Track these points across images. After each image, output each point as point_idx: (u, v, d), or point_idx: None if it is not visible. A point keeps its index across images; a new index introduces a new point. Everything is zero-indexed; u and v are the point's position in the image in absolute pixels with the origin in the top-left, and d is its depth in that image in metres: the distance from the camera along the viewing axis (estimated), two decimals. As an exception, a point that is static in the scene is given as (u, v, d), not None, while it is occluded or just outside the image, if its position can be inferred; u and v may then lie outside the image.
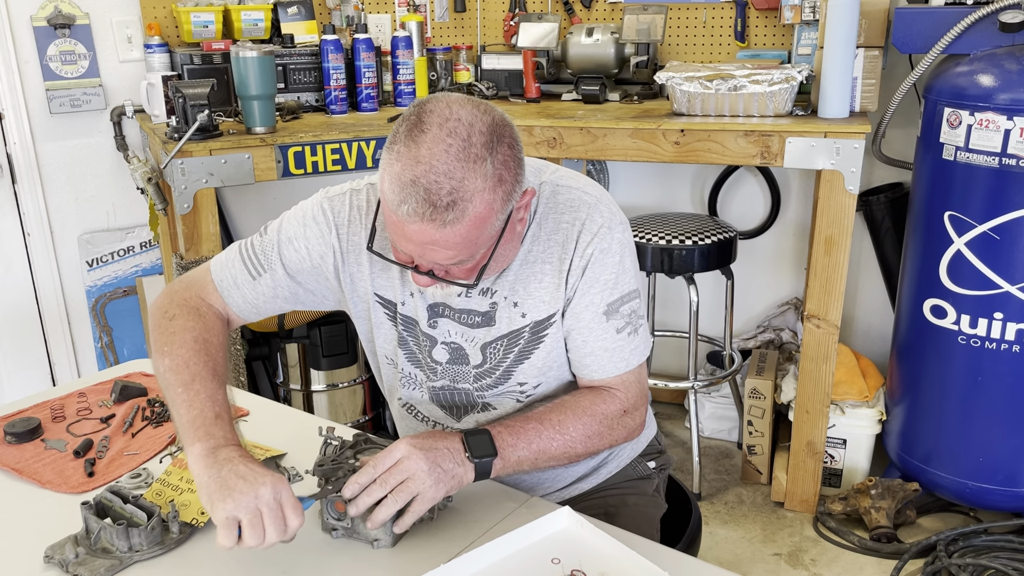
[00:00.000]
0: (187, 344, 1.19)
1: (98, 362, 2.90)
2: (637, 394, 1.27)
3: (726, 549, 2.44)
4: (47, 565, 1.08)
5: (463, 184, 1.02)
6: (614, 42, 2.73)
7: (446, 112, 1.04)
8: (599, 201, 1.23)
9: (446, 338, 1.28)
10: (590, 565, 1.04)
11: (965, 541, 2.30)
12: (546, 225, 1.22)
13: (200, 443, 1.08)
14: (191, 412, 1.12)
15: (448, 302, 1.26)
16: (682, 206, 3.13)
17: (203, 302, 1.28)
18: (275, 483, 1.03)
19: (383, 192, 1.06)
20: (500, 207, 1.07)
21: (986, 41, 2.16)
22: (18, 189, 2.64)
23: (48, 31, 2.59)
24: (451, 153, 1.02)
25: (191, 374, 1.16)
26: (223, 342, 1.25)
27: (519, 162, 1.09)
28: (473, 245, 1.08)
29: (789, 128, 2.24)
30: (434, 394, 1.33)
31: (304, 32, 2.79)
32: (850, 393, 2.56)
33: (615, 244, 1.22)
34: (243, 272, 1.28)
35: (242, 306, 1.30)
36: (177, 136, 2.17)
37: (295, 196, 1.39)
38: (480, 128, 1.04)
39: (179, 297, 1.28)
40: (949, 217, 2.22)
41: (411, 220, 1.03)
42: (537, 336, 1.25)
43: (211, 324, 1.25)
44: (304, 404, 2.76)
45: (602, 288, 1.22)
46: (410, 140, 1.03)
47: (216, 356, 1.21)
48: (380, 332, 1.32)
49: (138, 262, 2.91)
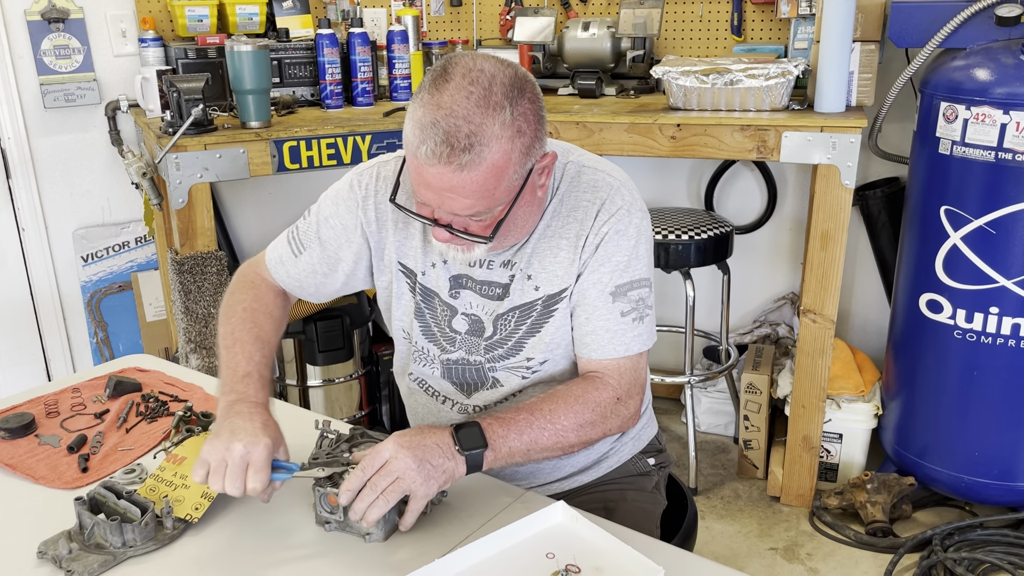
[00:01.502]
0: (236, 314, 1.32)
1: (93, 357, 2.89)
2: (631, 381, 1.27)
3: (722, 544, 2.44)
4: (40, 560, 1.07)
5: (481, 128, 1.05)
6: (610, 36, 2.72)
7: (470, 63, 1.09)
8: (623, 185, 1.26)
9: (467, 309, 1.30)
10: (585, 560, 1.04)
11: (961, 535, 2.30)
12: (567, 202, 1.25)
13: (224, 397, 1.18)
14: (225, 372, 1.23)
15: (471, 273, 1.28)
16: (678, 201, 3.13)
17: (258, 276, 1.41)
18: (250, 444, 1.08)
19: (406, 137, 1.10)
20: (519, 159, 1.10)
21: (982, 35, 2.16)
22: (12, 184, 2.63)
23: (42, 25, 2.58)
24: (472, 100, 1.06)
25: (234, 339, 1.27)
26: (272, 311, 1.36)
27: (540, 119, 1.13)
28: (490, 196, 1.10)
29: (785, 122, 2.24)
30: (446, 369, 1.34)
31: (299, 26, 2.78)
32: (846, 388, 2.56)
33: (632, 228, 1.24)
34: (288, 251, 1.38)
35: (287, 281, 1.40)
36: (172, 131, 2.16)
37: (290, 191, 1.41)
38: (502, 79, 1.08)
39: (241, 274, 1.42)
40: (945, 211, 2.22)
41: (430, 162, 1.06)
42: (548, 310, 1.27)
43: (262, 294, 1.37)
44: (300, 399, 2.75)
45: (612, 268, 1.24)
46: (434, 88, 1.08)
47: (262, 323, 1.32)
48: (399, 303, 1.35)
49: (133, 257, 2.90)
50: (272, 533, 1.13)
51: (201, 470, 1.09)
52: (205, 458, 1.09)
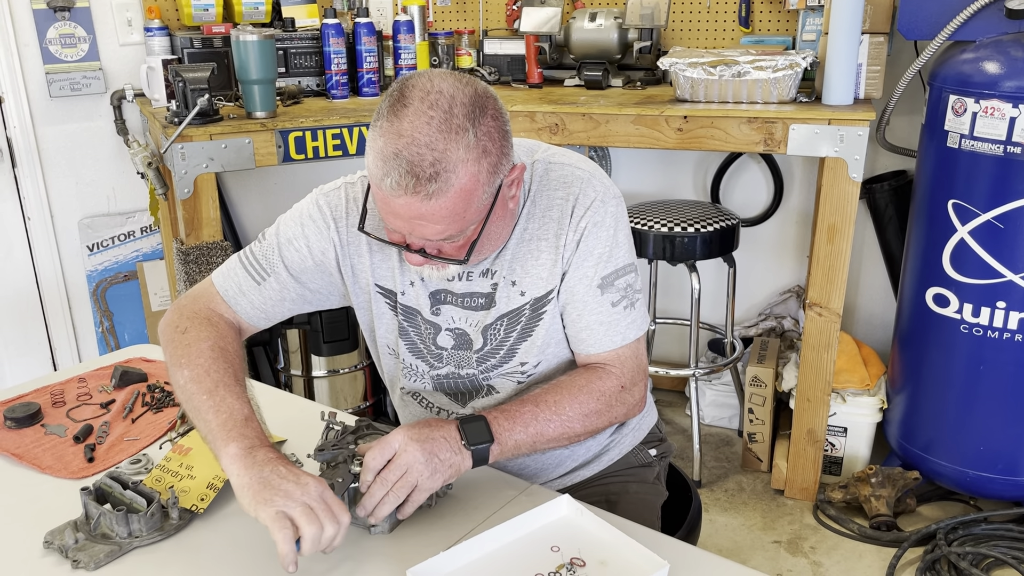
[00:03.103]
0: (204, 353, 1.16)
1: (99, 347, 2.90)
2: (634, 369, 1.27)
3: (726, 537, 2.44)
4: (46, 550, 1.08)
5: (445, 155, 1.02)
6: (617, 27, 2.71)
7: (428, 86, 1.04)
8: (592, 176, 1.24)
9: (450, 324, 1.28)
10: (590, 553, 1.04)
11: (965, 530, 2.30)
12: (540, 202, 1.23)
13: (235, 443, 1.04)
14: (220, 416, 1.08)
15: (450, 288, 1.26)
16: (684, 193, 3.12)
17: (213, 312, 1.26)
18: (318, 482, 1.01)
19: (369, 168, 1.07)
20: (486, 179, 1.07)
21: (992, 28, 2.14)
22: (18, 173, 2.63)
23: (48, 14, 2.57)
24: (433, 125, 1.02)
25: (213, 381, 1.13)
26: (238, 349, 1.23)
27: (504, 135, 1.09)
28: (461, 219, 1.08)
29: (793, 115, 2.23)
30: (438, 383, 1.33)
31: (305, 16, 2.78)
32: (851, 381, 2.56)
33: (608, 218, 1.22)
34: (247, 279, 1.27)
35: (251, 312, 1.28)
36: (177, 120, 2.16)
37: (296, 181, 1.39)
38: (462, 100, 1.04)
39: (188, 311, 1.25)
40: (953, 205, 2.21)
41: (396, 194, 1.03)
42: (537, 314, 1.26)
43: (224, 332, 1.23)
44: (305, 390, 2.76)
45: (596, 261, 1.23)
46: (392, 115, 1.04)
47: (234, 362, 1.18)
48: (381, 323, 1.32)
49: (139, 247, 2.90)
50: (277, 524, 1.13)
51: (283, 524, 0.96)
52: (281, 511, 0.97)
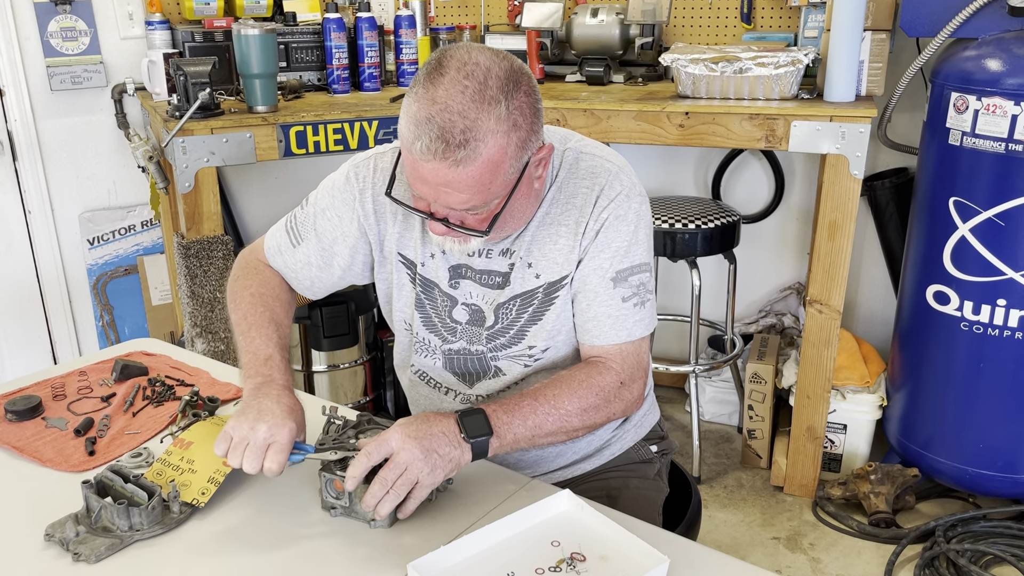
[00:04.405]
0: (245, 299, 1.32)
1: (99, 340, 2.90)
2: (634, 366, 1.27)
3: (725, 533, 2.44)
4: (47, 543, 1.08)
5: (476, 124, 1.05)
6: (619, 23, 2.70)
7: (465, 57, 1.07)
8: (621, 170, 1.26)
9: (467, 299, 1.30)
10: (590, 548, 1.04)
11: (964, 527, 2.30)
12: (566, 189, 1.25)
13: (251, 380, 1.19)
14: (246, 356, 1.24)
15: (470, 263, 1.28)
16: (685, 189, 3.12)
17: (260, 262, 1.41)
18: (275, 426, 1.10)
19: (401, 132, 1.09)
20: (514, 153, 1.09)
21: (995, 25, 2.14)
22: (19, 166, 2.63)
23: (49, 7, 2.57)
24: (467, 94, 1.05)
25: (248, 324, 1.28)
26: (280, 294, 1.36)
27: (536, 112, 1.12)
28: (486, 190, 1.10)
29: (794, 112, 2.23)
30: (448, 359, 1.34)
31: (306, 10, 2.77)
32: (851, 378, 2.56)
33: (631, 213, 1.24)
34: (286, 240, 1.38)
35: (284, 271, 1.40)
36: (178, 114, 2.16)
37: (297, 176, 1.41)
38: (497, 73, 1.07)
39: (243, 260, 1.41)
40: (954, 203, 2.21)
41: (425, 158, 1.06)
42: (549, 298, 1.27)
43: (267, 279, 1.37)
44: (305, 385, 2.76)
45: (613, 254, 1.24)
46: (428, 82, 1.07)
47: (272, 306, 1.32)
48: (400, 294, 1.35)
49: (139, 241, 2.90)
50: (278, 518, 1.13)
51: (223, 444, 1.10)
52: (229, 432, 1.10)
